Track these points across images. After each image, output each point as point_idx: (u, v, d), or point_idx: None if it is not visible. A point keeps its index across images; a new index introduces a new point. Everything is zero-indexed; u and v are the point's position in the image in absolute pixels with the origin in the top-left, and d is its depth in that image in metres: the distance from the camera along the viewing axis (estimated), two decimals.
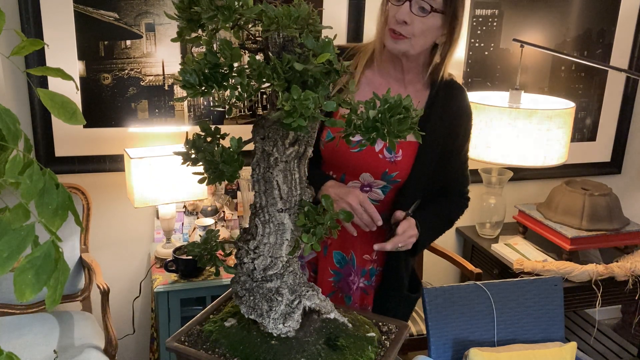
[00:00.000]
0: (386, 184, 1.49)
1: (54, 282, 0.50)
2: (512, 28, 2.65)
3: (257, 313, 1.06)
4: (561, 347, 1.76)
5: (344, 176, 1.49)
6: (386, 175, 1.47)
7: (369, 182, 1.49)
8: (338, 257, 1.56)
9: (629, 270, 2.41)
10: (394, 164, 1.45)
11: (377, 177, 1.47)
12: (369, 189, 1.50)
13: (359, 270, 1.57)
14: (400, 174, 1.46)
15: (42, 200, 0.51)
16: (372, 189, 1.50)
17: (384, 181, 1.48)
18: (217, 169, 0.97)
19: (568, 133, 2.31)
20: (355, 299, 1.57)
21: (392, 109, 0.89)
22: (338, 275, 1.57)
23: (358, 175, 1.48)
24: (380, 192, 1.50)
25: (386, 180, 1.48)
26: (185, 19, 0.88)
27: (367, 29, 2.47)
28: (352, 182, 1.49)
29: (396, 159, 1.45)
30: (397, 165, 1.45)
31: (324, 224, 0.99)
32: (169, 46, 2.29)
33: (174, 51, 2.30)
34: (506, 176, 2.66)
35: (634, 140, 3.06)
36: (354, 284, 1.56)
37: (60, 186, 0.53)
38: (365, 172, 1.47)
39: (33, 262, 0.49)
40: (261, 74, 0.89)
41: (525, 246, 2.58)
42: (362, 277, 1.57)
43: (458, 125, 1.53)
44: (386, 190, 1.50)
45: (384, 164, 1.45)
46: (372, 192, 1.50)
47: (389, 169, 1.45)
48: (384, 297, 1.57)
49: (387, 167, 1.45)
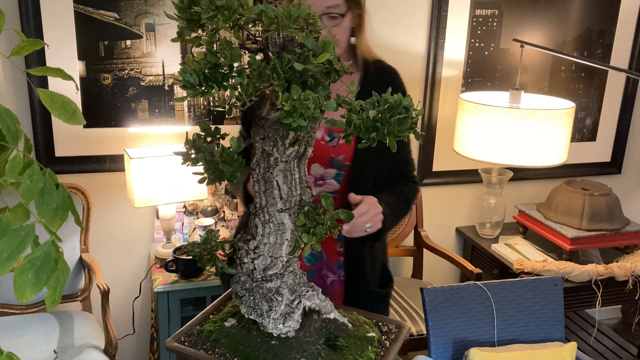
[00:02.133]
0: (337, 171, 1.48)
1: (54, 282, 0.50)
2: (512, 28, 2.65)
3: (257, 313, 1.06)
4: (561, 347, 1.76)
5: None
6: (334, 160, 1.47)
7: (321, 175, 1.49)
8: (307, 255, 1.53)
9: (629, 270, 2.41)
10: (337, 147, 1.45)
11: (326, 166, 1.47)
12: (323, 182, 1.50)
13: (330, 264, 1.55)
14: (347, 156, 1.47)
15: (42, 200, 0.51)
16: (325, 181, 1.49)
17: (334, 168, 1.48)
18: (217, 169, 0.97)
19: (568, 133, 2.31)
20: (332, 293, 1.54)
21: (392, 109, 0.89)
22: (310, 272, 1.54)
23: (309, 170, 1.46)
24: (335, 182, 1.50)
25: (336, 166, 1.47)
26: (185, 19, 0.88)
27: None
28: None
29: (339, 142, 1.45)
30: (341, 149, 1.46)
31: (324, 224, 0.99)
32: (169, 46, 2.29)
33: (174, 51, 2.30)
34: (506, 176, 2.66)
35: (634, 140, 3.06)
36: (327, 277, 1.55)
37: (60, 186, 0.53)
38: (314, 163, 1.46)
39: (33, 262, 0.49)
40: (261, 74, 0.89)
41: (525, 246, 2.58)
42: (332, 271, 1.56)
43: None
44: (339, 178, 1.49)
45: (328, 150, 1.45)
46: (326, 184, 1.50)
47: (334, 153, 1.46)
48: (351, 291, 1.55)
49: (332, 152, 1.45)
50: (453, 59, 2.62)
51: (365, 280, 1.54)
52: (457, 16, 2.56)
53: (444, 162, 2.76)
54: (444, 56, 2.59)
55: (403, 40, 2.55)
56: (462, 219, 2.91)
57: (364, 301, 1.50)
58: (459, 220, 2.91)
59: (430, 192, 2.79)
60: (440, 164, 2.75)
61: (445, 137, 2.69)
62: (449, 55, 2.60)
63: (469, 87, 2.68)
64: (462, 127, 2.41)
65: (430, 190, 2.78)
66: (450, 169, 2.78)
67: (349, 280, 1.54)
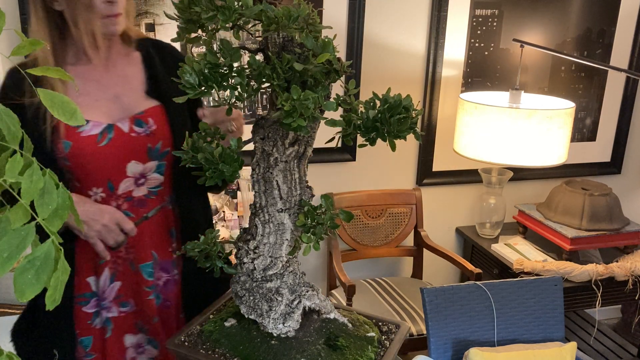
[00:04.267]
0: (158, 162, 1.33)
1: (54, 282, 0.50)
2: (512, 28, 2.65)
3: (257, 313, 1.06)
4: (561, 347, 1.76)
5: (111, 183, 1.30)
6: (152, 151, 1.31)
7: (140, 172, 1.31)
8: (148, 269, 1.36)
9: (629, 270, 2.41)
10: (152, 135, 1.30)
11: (145, 160, 1.31)
12: (144, 179, 1.33)
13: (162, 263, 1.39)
14: (165, 142, 1.32)
15: (42, 200, 0.51)
16: (147, 178, 1.33)
17: (155, 159, 1.32)
18: (217, 169, 0.97)
19: (568, 133, 2.31)
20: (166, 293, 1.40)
21: (392, 109, 0.89)
22: (153, 288, 1.37)
23: (125, 171, 1.30)
24: (158, 175, 1.34)
25: (155, 157, 1.32)
26: (185, 19, 0.88)
27: (367, 28, 2.47)
28: (124, 181, 1.31)
29: (151, 129, 1.31)
30: (156, 135, 1.31)
31: (323, 224, 0.99)
32: None
33: None
34: (506, 176, 2.67)
35: (634, 140, 3.06)
36: (160, 278, 1.39)
37: (60, 186, 0.53)
38: (130, 161, 1.30)
39: (33, 262, 0.49)
40: (261, 74, 0.89)
41: (525, 246, 2.59)
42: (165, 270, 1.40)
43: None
44: (162, 169, 1.34)
45: (143, 140, 1.30)
46: (148, 180, 1.33)
47: (150, 142, 1.30)
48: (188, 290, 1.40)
49: (147, 142, 1.30)
50: (453, 59, 2.62)
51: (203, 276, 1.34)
52: (457, 16, 2.56)
53: (444, 162, 2.76)
54: (444, 56, 2.59)
55: (403, 40, 2.55)
56: (462, 219, 2.91)
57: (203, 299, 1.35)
58: (459, 220, 2.91)
59: (430, 192, 2.79)
60: (440, 164, 2.75)
61: (445, 137, 2.69)
62: (449, 55, 2.60)
63: (469, 87, 2.68)
64: (462, 127, 2.41)
65: (430, 190, 2.78)
66: (450, 169, 2.78)
67: (185, 278, 1.39)
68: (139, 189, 1.33)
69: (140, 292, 1.36)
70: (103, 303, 1.34)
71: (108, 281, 1.34)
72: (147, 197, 1.34)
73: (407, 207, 2.67)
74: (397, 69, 2.58)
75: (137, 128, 1.30)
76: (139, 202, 1.34)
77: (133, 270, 1.35)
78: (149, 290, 1.36)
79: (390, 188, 2.68)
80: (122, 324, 1.36)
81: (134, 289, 1.36)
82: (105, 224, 1.21)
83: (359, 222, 2.62)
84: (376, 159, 2.66)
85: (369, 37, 2.49)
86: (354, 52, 2.46)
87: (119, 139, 1.28)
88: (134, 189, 1.32)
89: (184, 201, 1.37)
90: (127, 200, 1.32)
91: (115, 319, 1.35)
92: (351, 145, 2.14)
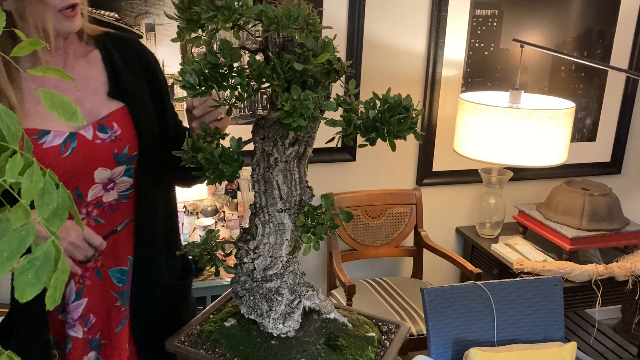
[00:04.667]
0: (126, 167, 1.26)
1: (54, 282, 0.50)
2: (512, 28, 2.65)
3: (257, 313, 1.06)
4: (561, 347, 1.76)
5: (79, 190, 1.23)
6: (119, 156, 1.24)
7: (109, 177, 1.25)
8: (117, 274, 1.31)
9: (629, 270, 2.41)
10: (117, 140, 1.23)
11: (113, 166, 1.24)
12: (114, 184, 1.27)
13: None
14: (131, 145, 1.25)
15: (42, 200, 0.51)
16: (116, 182, 1.27)
17: (123, 164, 1.25)
18: (217, 169, 0.97)
19: (568, 133, 2.31)
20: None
21: (392, 109, 0.89)
22: (122, 294, 1.32)
23: (93, 178, 1.23)
24: (127, 178, 1.28)
25: (123, 161, 1.25)
26: (185, 19, 0.88)
27: (367, 28, 2.47)
28: (92, 188, 1.24)
29: (116, 134, 1.24)
30: (122, 140, 1.24)
31: (323, 224, 0.99)
32: (169, 46, 2.29)
33: (174, 51, 2.30)
34: (506, 176, 2.67)
35: (634, 140, 3.06)
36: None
37: (60, 186, 0.53)
38: (97, 168, 1.23)
39: (33, 262, 0.49)
40: (261, 74, 0.89)
41: (525, 246, 2.59)
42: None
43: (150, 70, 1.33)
44: (130, 172, 1.28)
45: (108, 147, 1.23)
46: (118, 185, 1.27)
47: (117, 148, 1.23)
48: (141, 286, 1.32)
49: (113, 147, 1.23)
50: (453, 59, 2.62)
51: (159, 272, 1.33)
52: (457, 16, 2.56)
53: (444, 162, 2.76)
54: (444, 56, 2.59)
55: (403, 40, 2.55)
56: (462, 219, 2.91)
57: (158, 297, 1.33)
58: (459, 220, 2.91)
59: (430, 192, 2.79)
60: (440, 164, 2.75)
61: (445, 137, 2.69)
62: (449, 55, 2.60)
63: (469, 87, 2.68)
64: (462, 127, 2.41)
65: (430, 190, 2.78)
66: (450, 169, 2.78)
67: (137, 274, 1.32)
68: (108, 194, 1.26)
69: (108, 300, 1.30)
70: (66, 317, 1.28)
71: (73, 295, 1.27)
72: (118, 201, 1.28)
73: (407, 207, 2.67)
74: (397, 69, 2.58)
75: (102, 134, 1.23)
76: (109, 207, 1.27)
77: (101, 280, 1.30)
78: (117, 297, 1.31)
79: (390, 188, 2.69)
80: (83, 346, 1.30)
81: (101, 302, 1.30)
82: (72, 241, 1.14)
83: (359, 222, 2.62)
84: (376, 159, 2.66)
85: (369, 37, 2.49)
86: (354, 52, 2.47)
87: (83, 147, 1.20)
88: (104, 194, 1.25)
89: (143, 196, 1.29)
90: (98, 206, 1.26)
91: (75, 339, 1.29)
92: (351, 145, 2.14)
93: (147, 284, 1.31)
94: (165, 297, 1.33)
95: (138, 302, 1.31)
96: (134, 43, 1.33)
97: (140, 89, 1.30)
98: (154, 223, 1.31)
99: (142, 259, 1.30)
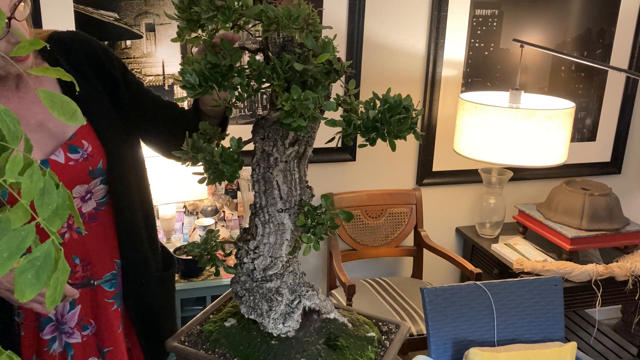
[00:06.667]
0: (102, 177, 1.26)
1: (54, 282, 0.50)
2: (512, 28, 2.65)
3: (257, 313, 1.06)
4: (561, 347, 1.76)
5: None
6: (94, 172, 1.24)
7: (86, 190, 1.25)
8: (108, 281, 1.32)
9: (629, 270, 2.41)
10: (90, 158, 1.22)
11: (89, 181, 1.24)
12: (91, 194, 1.27)
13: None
14: (104, 160, 1.24)
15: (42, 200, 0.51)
16: (93, 192, 1.27)
17: (98, 177, 1.25)
18: (217, 169, 0.97)
19: (568, 133, 2.31)
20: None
21: (392, 109, 0.89)
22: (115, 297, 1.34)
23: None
24: (103, 185, 1.27)
25: (99, 175, 1.25)
26: (185, 19, 0.88)
27: (367, 28, 2.47)
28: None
29: (87, 152, 1.23)
30: (95, 156, 1.23)
31: (323, 224, 0.99)
32: (169, 46, 2.29)
33: (174, 51, 2.30)
34: (506, 176, 2.67)
35: (634, 140, 3.06)
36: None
37: (60, 186, 0.53)
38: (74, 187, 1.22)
39: (33, 262, 0.49)
40: (261, 74, 0.89)
41: (525, 246, 2.59)
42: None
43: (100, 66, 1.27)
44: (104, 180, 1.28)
45: (83, 166, 1.22)
46: (95, 193, 1.27)
47: (91, 165, 1.22)
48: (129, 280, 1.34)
49: (87, 165, 1.22)
50: (453, 59, 2.62)
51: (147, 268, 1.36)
52: (457, 16, 2.56)
53: (444, 162, 2.76)
54: (444, 56, 2.59)
55: (403, 40, 2.55)
56: (462, 219, 2.91)
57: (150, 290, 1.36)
58: (459, 220, 2.91)
59: (430, 192, 2.79)
60: (440, 164, 2.76)
61: (445, 137, 2.69)
62: (449, 55, 2.61)
63: (469, 87, 2.68)
64: (462, 127, 2.41)
65: (430, 190, 2.78)
66: (450, 169, 2.78)
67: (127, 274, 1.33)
68: (87, 204, 1.26)
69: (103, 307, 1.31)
70: (63, 327, 1.28)
71: (68, 306, 1.28)
72: (97, 209, 1.28)
73: (407, 207, 2.67)
74: (397, 69, 2.58)
75: (73, 155, 1.20)
76: (89, 217, 1.27)
77: (92, 290, 1.30)
78: (111, 302, 1.32)
79: (390, 188, 2.69)
80: (84, 349, 1.31)
81: (94, 309, 1.31)
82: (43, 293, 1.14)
83: (359, 222, 2.62)
84: (376, 159, 2.66)
85: (369, 37, 2.49)
86: (354, 52, 2.47)
87: (58, 172, 1.16)
88: (82, 205, 1.25)
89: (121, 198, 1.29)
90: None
91: (77, 345, 1.29)
92: (351, 145, 2.14)
93: (138, 282, 1.34)
94: (156, 289, 1.38)
95: (133, 300, 1.34)
96: (78, 40, 1.26)
97: (97, 98, 1.26)
98: (135, 222, 1.33)
99: (129, 259, 1.32)
